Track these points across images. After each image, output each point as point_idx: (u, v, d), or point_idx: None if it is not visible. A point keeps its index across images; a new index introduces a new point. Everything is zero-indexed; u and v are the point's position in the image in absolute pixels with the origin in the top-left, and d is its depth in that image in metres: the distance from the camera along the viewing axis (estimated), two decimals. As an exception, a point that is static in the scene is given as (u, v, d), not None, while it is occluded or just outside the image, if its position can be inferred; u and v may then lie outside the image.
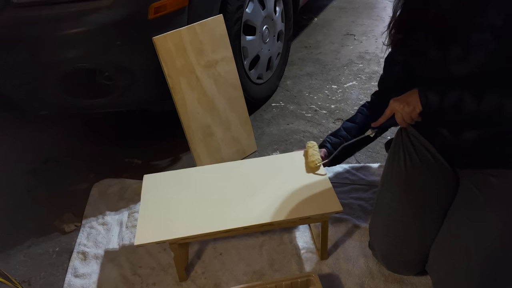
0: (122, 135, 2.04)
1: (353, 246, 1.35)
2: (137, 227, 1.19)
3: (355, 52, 2.68)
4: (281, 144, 1.87)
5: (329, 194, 1.24)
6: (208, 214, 1.22)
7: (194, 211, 1.23)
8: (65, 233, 1.51)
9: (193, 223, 1.19)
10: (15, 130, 2.06)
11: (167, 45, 1.46)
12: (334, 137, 1.41)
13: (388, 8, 3.28)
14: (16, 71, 1.46)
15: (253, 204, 1.24)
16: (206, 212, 1.23)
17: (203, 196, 1.29)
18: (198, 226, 1.18)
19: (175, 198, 1.29)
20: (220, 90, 1.65)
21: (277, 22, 2.10)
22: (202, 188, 1.32)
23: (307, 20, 3.19)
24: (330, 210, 1.20)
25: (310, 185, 1.28)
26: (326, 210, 1.20)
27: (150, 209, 1.25)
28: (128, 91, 1.53)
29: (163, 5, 1.41)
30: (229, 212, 1.21)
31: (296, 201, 1.23)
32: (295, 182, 1.30)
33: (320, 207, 1.20)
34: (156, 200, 1.29)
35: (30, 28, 1.36)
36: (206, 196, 1.29)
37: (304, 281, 1.15)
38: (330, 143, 1.40)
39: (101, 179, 1.73)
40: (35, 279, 1.34)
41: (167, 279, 1.30)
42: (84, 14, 1.35)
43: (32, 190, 1.72)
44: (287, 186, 1.29)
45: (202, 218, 1.20)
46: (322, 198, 1.23)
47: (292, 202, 1.22)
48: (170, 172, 1.42)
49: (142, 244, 1.14)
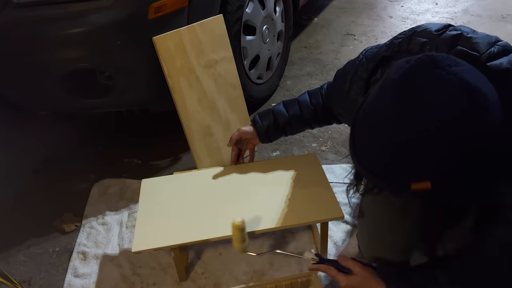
0: (122, 135, 2.03)
1: (353, 246, 1.35)
2: (135, 233, 1.18)
3: (355, 52, 2.68)
4: (281, 144, 1.87)
5: (331, 200, 1.23)
6: (206, 220, 1.21)
7: (192, 217, 1.22)
8: (65, 233, 1.51)
9: (191, 230, 1.18)
10: (15, 130, 2.06)
11: (167, 45, 1.46)
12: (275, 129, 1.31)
13: (388, 8, 3.28)
14: (16, 71, 1.46)
15: (252, 210, 1.22)
16: (204, 218, 1.22)
17: (201, 201, 1.28)
18: (196, 232, 1.17)
19: (173, 203, 1.28)
20: (220, 90, 1.65)
21: (277, 22, 2.10)
22: (201, 193, 1.31)
23: (307, 20, 3.19)
24: (331, 216, 1.19)
25: (312, 190, 1.27)
26: (327, 216, 1.19)
27: (148, 214, 1.25)
28: (128, 91, 1.53)
29: (163, 5, 1.41)
30: (227, 218, 1.19)
31: (296, 207, 1.22)
32: (295, 187, 1.29)
33: (321, 214, 1.19)
34: (154, 205, 1.28)
35: (30, 28, 1.36)
36: (204, 201, 1.28)
37: (304, 281, 1.15)
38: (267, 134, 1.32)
39: (101, 179, 1.73)
40: (35, 279, 1.34)
41: (167, 279, 1.30)
42: (84, 14, 1.35)
43: (32, 190, 1.72)
44: (287, 191, 1.28)
45: (200, 224, 1.20)
46: (323, 204, 1.22)
47: (292, 208, 1.22)
48: (169, 177, 1.41)
49: (140, 251, 1.13)
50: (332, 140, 1.87)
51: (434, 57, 0.72)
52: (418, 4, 3.32)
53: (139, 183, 1.68)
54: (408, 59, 0.75)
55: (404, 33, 0.95)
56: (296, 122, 1.32)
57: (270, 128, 1.32)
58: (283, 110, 1.31)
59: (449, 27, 0.89)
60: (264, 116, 1.34)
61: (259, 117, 1.34)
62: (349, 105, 1.09)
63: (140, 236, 1.17)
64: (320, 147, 1.84)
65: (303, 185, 1.30)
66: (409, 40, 0.92)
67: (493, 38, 0.84)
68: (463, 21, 2.96)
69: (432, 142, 0.70)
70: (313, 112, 1.29)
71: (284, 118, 1.31)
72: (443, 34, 0.87)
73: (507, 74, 0.77)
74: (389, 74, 0.75)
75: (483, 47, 0.81)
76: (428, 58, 0.72)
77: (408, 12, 3.18)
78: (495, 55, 0.80)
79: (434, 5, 3.29)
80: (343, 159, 1.75)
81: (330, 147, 1.84)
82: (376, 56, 1.02)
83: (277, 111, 1.32)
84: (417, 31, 0.92)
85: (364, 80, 1.02)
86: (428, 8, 3.25)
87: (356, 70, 1.08)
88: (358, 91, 1.05)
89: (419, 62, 0.72)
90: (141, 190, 1.34)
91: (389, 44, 0.98)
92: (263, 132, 1.33)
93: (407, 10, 3.23)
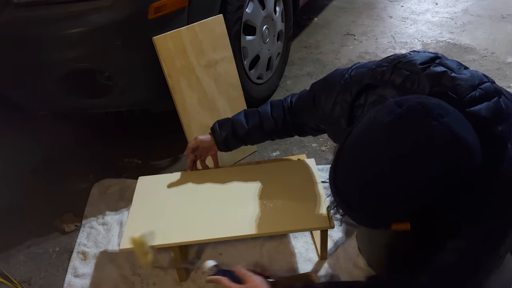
0: (122, 135, 2.03)
1: (353, 246, 1.35)
2: (124, 230, 1.18)
3: (355, 52, 2.68)
4: (281, 144, 1.87)
5: (323, 209, 1.20)
6: (197, 222, 1.20)
7: (184, 218, 1.22)
8: (65, 233, 1.51)
9: (181, 231, 1.18)
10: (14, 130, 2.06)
11: (167, 45, 1.46)
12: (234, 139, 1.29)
13: (388, 8, 3.28)
14: (16, 71, 1.46)
15: (244, 213, 1.21)
16: (196, 219, 1.21)
17: (195, 202, 1.28)
18: (185, 234, 1.17)
19: (167, 202, 1.28)
20: (220, 90, 1.65)
21: (277, 22, 2.10)
22: (195, 195, 1.31)
23: (307, 20, 3.19)
24: (320, 225, 1.17)
25: (305, 197, 1.25)
26: (317, 225, 1.17)
27: (140, 212, 1.25)
28: (128, 91, 1.53)
29: (163, 5, 1.41)
30: (218, 221, 1.20)
31: (288, 213, 1.20)
32: (289, 193, 1.27)
33: (311, 222, 1.17)
34: (147, 203, 1.28)
35: (30, 28, 1.36)
36: (198, 202, 1.27)
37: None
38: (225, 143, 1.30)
39: (101, 179, 1.73)
40: (35, 279, 1.34)
41: (167, 279, 1.30)
42: (84, 14, 1.35)
43: (32, 190, 1.72)
44: (281, 196, 1.26)
45: (191, 226, 1.19)
46: (314, 212, 1.19)
47: (284, 214, 1.20)
48: (165, 175, 1.41)
49: (125, 249, 1.12)
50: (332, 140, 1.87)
51: (426, 106, 0.72)
52: (418, 4, 3.32)
53: (139, 183, 1.68)
54: (399, 101, 0.75)
55: (388, 61, 0.94)
56: (255, 134, 1.29)
57: (229, 138, 1.30)
58: (243, 121, 1.28)
59: (435, 60, 0.86)
60: (223, 126, 1.30)
61: (218, 126, 1.31)
62: (332, 124, 1.08)
63: (129, 233, 1.14)
64: (320, 147, 1.84)
65: (297, 191, 1.27)
66: (392, 70, 0.90)
67: (476, 80, 0.81)
68: (463, 21, 2.96)
69: (417, 189, 0.72)
70: (273, 125, 1.27)
71: (243, 129, 1.28)
72: (427, 69, 0.85)
73: (485, 122, 0.77)
74: (379, 115, 0.76)
75: (464, 90, 0.79)
76: (420, 106, 0.72)
77: (408, 12, 3.18)
78: (475, 99, 0.78)
79: (434, 5, 3.29)
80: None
81: (330, 147, 1.83)
82: (361, 80, 1.00)
83: (237, 121, 1.29)
84: (402, 62, 0.90)
85: (348, 103, 1.01)
86: (428, 8, 3.25)
87: (340, 91, 1.05)
88: (342, 112, 1.04)
89: (410, 109, 0.72)
90: (136, 187, 1.35)
91: (373, 70, 0.96)
92: (221, 141, 1.31)
93: (407, 10, 3.23)
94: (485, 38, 2.67)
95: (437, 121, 0.70)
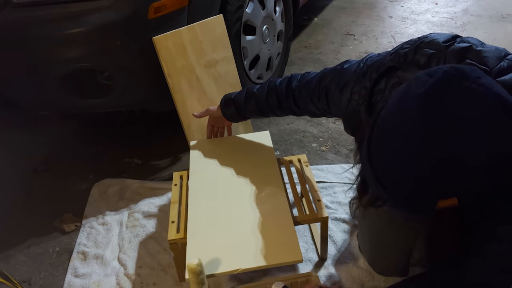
0: (122, 135, 2.03)
1: (353, 246, 1.35)
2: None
3: (355, 52, 2.68)
4: (281, 144, 1.87)
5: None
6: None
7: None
8: (65, 233, 1.51)
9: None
10: (15, 129, 2.06)
11: (167, 45, 1.46)
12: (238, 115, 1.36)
13: (388, 8, 3.28)
14: (16, 71, 1.46)
15: None
16: None
17: None
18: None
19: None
20: (220, 90, 1.65)
21: (277, 22, 2.10)
22: None
23: (307, 20, 3.19)
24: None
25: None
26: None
27: None
28: (128, 91, 1.53)
29: (163, 5, 1.41)
30: None
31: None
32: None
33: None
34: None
35: (30, 28, 1.36)
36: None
37: (304, 281, 1.14)
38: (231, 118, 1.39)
39: (101, 179, 1.73)
40: (35, 279, 1.34)
41: (167, 279, 1.30)
42: (84, 14, 1.35)
43: (32, 190, 1.72)
44: None
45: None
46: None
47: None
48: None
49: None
50: (332, 140, 1.87)
51: (462, 69, 0.69)
52: (418, 4, 3.32)
53: (139, 183, 1.68)
54: (429, 71, 0.71)
55: (410, 43, 0.92)
56: (255, 114, 1.36)
57: (234, 114, 1.37)
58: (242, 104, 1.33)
59: (456, 38, 0.86)
60: (226, 104, 1.38)
61: (224, 102, 1.38)
62: (349, 114, 1.06)
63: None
64: (320, 147, 1.84)
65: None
66: (415, 50, 0.89)
67: (502, 52, 0.81)
68: (463, 21, 2.96)
69: (471, 159, 0.67)
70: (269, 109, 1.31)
71: (245, 111, 1.35)
72: (451, 46, 0.84)
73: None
74: (410, 89, 0.71)
75: (493, 61, 0.78)
76: (455, 70, 0.69)
77: (408, 12, 3.18)
78: (504, 69, 0.77)
79: (434, 5, 3.29)
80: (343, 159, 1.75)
81: (330, 147, 1.84)
82: (380, 65, 0.98)
83: (238, 103, 1.34)
84: (424, 42, 0.89)
85: (368, 89, 0.97)
86: (428, 8, 3.25)
87: (356, 81, 1.03)
88: (361, 101, 1.01)
89: (446, 75, 0.68)
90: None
91: (394, 54, 0.95)
92: (228, 116, 1.39)
93: (407, 10, 3.23)
94: (485, 38, 2.67)
95: (476, 84, 0.67)
